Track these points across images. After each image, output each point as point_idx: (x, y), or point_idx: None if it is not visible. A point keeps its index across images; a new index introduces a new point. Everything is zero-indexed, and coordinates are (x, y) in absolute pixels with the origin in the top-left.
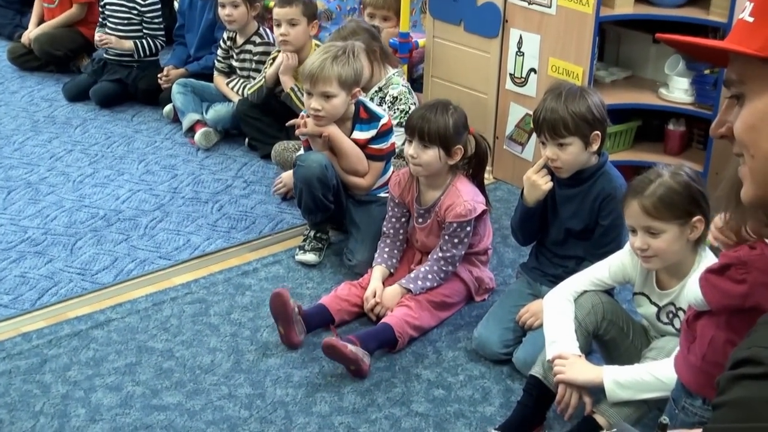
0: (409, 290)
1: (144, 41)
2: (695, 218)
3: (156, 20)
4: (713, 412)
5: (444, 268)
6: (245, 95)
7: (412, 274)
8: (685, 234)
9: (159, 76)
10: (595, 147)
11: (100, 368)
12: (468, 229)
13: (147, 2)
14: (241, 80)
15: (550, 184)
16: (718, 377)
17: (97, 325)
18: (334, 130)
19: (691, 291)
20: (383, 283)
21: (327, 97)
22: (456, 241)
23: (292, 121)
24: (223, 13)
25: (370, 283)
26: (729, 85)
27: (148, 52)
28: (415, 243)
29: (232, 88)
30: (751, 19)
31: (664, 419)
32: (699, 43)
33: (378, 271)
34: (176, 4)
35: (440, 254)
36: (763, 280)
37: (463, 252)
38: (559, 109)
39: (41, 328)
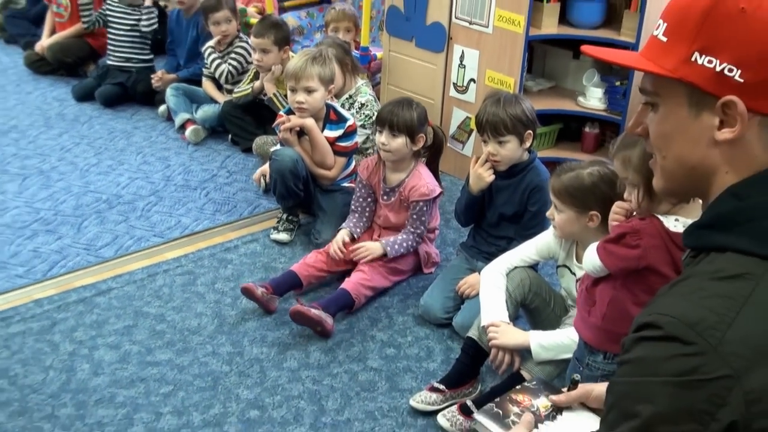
0: (385, 254)
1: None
2: (592, 212)
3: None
4: (618, 368)
5: (416, 240)
6: (233, 99)
7: (390, 239)
8: (582, 221)
9: (152, 76)
10: (527, 144)
11: (102, 330)
12: (430, 206)
13: (148, 23)
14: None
15: (492, 177)
16: (622, 339)
17: (100, 293)
18: (311, 123)
19: (588, 261)
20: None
21: (309, 91)
22: (423, 218)
23: (278, 120)
24: (218, 29)
25: (336, 237)
26: (644, 93)
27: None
28: (377, 220)
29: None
30: (664, 39)
31: (576, 376)
32: (619, 62)
33: (343, 231)
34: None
35: (411, 230)
36: (653, 243)
37: (424, 230)
38: (499, 113)
39: (51, 296)
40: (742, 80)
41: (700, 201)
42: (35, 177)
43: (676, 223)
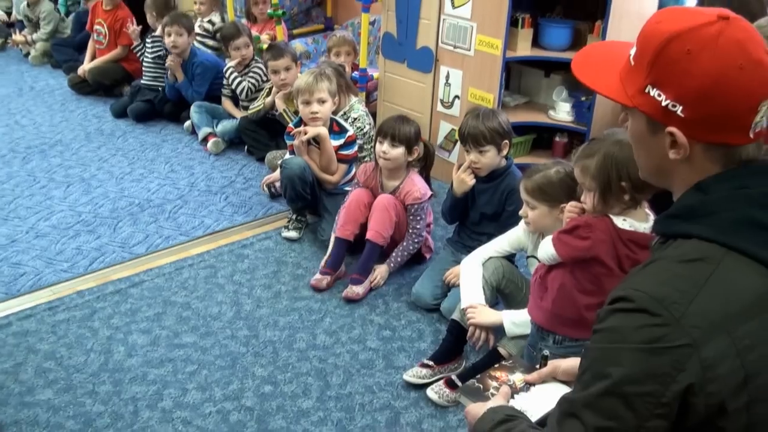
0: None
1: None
2: (563, 205)
3: None
4: (593, 335)
5: (415, 241)
6: (249, 115)
7: (394, 255)
8: (554, 214)
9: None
10: (504, 152)
11: (135, 317)
12: (425, 207)
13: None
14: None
15: (473, 181)
16: (598, 310)
17: (133, 285)
18: (325, 132)
19: (543, 250)
20: None
21: (322, 102)
22: (419, 218)
23: (296, 131)
24: (239, 53)
25: None
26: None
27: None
28: None
29: (232, 82)
30: (633, 63)
31: (546, 351)
32: (592, 87)
33: None
34: None
35: (410, 231)
36: (602, 237)
37: (423, 226)
38: (479, 126)
39: (91, 287)
40: (683, 116)
41: (646, 207)
42: (77, 184)
43: (623, 223)
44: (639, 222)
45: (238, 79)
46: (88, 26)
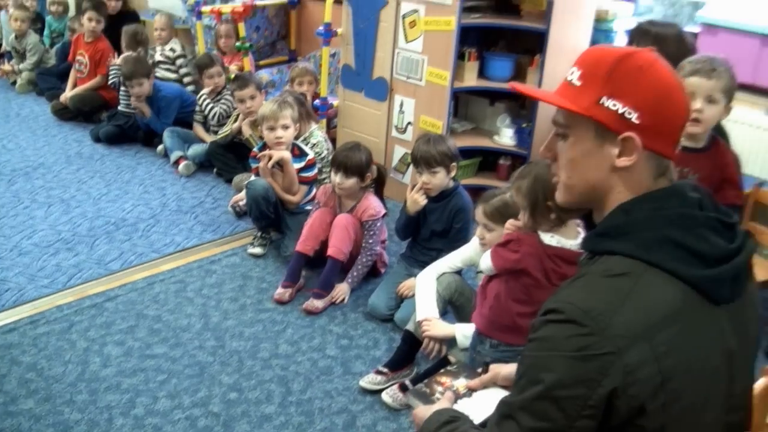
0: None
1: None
2: (510, 224)
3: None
4: (528, 343)
5: (369, 256)
6: (217, 139)
7: (354, 273)
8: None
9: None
10: (452, 174)
11: (110, 329)
12: (378, 224)
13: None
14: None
15: (425, 200)
16: (532, 321)
17: (108, 300)
18: (288, 156)
19: (483, 262)
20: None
21: (285, 127)
22: (372, 234)
23: (261, 154)
24: (212, 81)
25: None
26: (556, 125)
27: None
28: None
29: (205, 108)
30: (578, 83)
31: (488, 358)
32: (544, 99)
33: None
34: None
35: (364, 246)
36: (530, 252)
37: (377, 242)
38: (430, 150)
39: (70, 302)
40: (638, 122)
41: (574, 224)
42: (58, 204)
43: (551, 239)
44: (567, 239)
45: (211, 105)
46: (70, 57)
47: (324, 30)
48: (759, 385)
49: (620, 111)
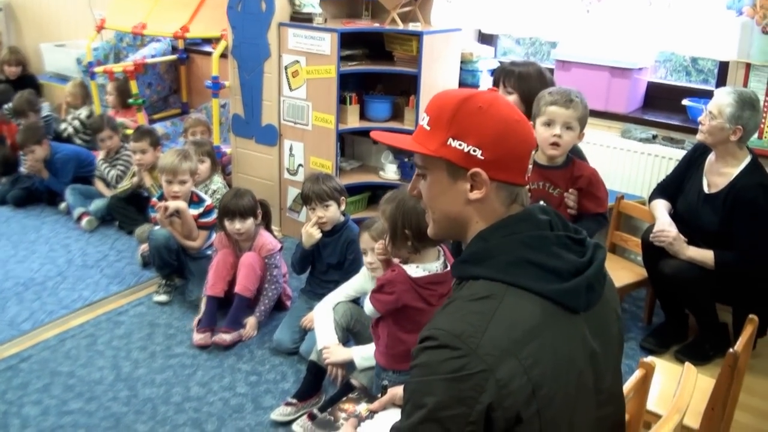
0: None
1: None
2: (377, 246)
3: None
4: (410, 370)
5: (274, 289)
6: (118, 193)
7: (261, 307)
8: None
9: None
10: (342, 207)
11: (27, 389)
12: (277, 258)
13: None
14: (111, 169)
15: (320, 234)
16: (412, 349)
17: (23, 360)
18: (184, 206)
19: (367, 308)
20: None
21: (183, 182)
22: (274, 266)
23: (158, 205)
24: (104, 144)
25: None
26: (416, 167)
27: None
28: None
29: (105, 172)
30: (428, 128)
31: (385, 382)
32: (397, 145)
33: None
34: None
35: (269, 278)
36: (404, 288)
37: (280, 274)
38: (321, 186)
39: None
40: (483, 158)
41: (434, 250)
42: None
43: (416, 269)
44: (431, 263)
45: (108, 169)
46: None
47: (213, 83)
48: (634, 376)
49: (465, 149)
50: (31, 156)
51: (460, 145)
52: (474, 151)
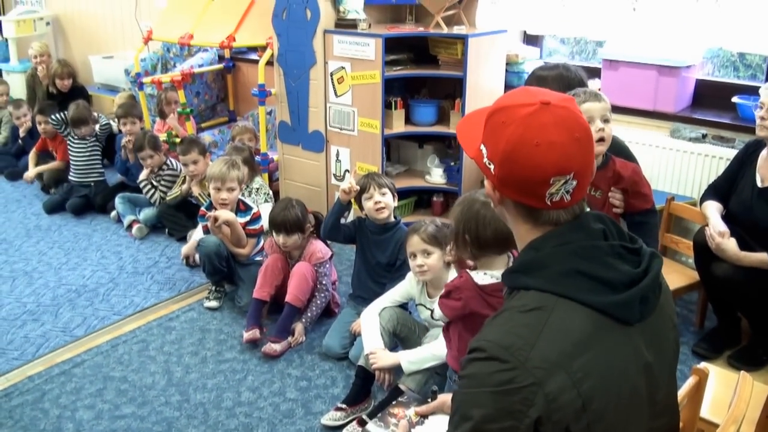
0: (306, 329)
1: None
2: (447, 247)
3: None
4: (458, 380)
5: (323, 297)
6: (167, 201)
7: (308, 314)
8: (444, 257)
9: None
10: (395, 204)
11: (80, 394)
12: (327, 266)
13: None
14: (153, 188)
15: (357, 187)
16: (461, 359)
17: (76, 365)
18: (233, 216)
19: (437, 313)
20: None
21: (231, 190)
22: (324, 275)
23: (208, 215)
24: (146, 163)
25: None
26: None
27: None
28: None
29: (147, 193)
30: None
31: (435, 387)
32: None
33: None
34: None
35: (318, 287)
36: (470, 295)
37: (329, 282)
38: (380, 176)
39: (40, 372)
40: (494, 172)
41: (505, 257)
42: (21, 277)
43: (483, 277)
44: (499, 270)
45: (151, 191)
46: (39, 146)
47: (259, 90)
48: (688, 384)
49: (485, 159)
50: (131, 127)
51: (485, 152)
52: (490, 163)
